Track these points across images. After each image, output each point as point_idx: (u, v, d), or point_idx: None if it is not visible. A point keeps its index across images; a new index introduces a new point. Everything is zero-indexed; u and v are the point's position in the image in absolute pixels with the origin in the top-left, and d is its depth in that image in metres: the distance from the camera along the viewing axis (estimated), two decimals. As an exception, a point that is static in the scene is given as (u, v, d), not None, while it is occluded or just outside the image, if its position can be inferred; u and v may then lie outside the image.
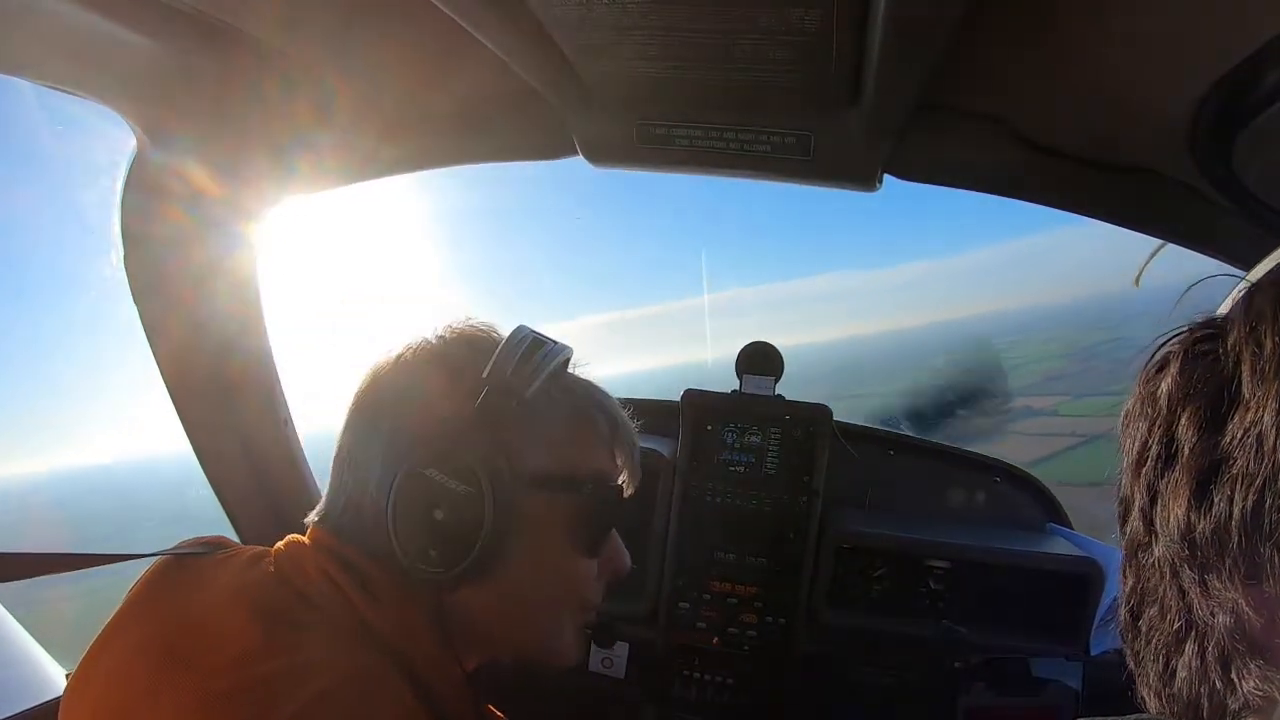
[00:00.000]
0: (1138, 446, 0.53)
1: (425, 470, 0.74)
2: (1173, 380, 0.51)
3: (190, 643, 0.67)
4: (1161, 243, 1.12)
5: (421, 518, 0.74)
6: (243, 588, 0.73)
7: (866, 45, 0.83)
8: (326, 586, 0.73)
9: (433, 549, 0.74)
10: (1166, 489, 0.49)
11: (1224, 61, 0.76)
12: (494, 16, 0.83)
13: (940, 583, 1.78)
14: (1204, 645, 0.47)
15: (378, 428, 0.79)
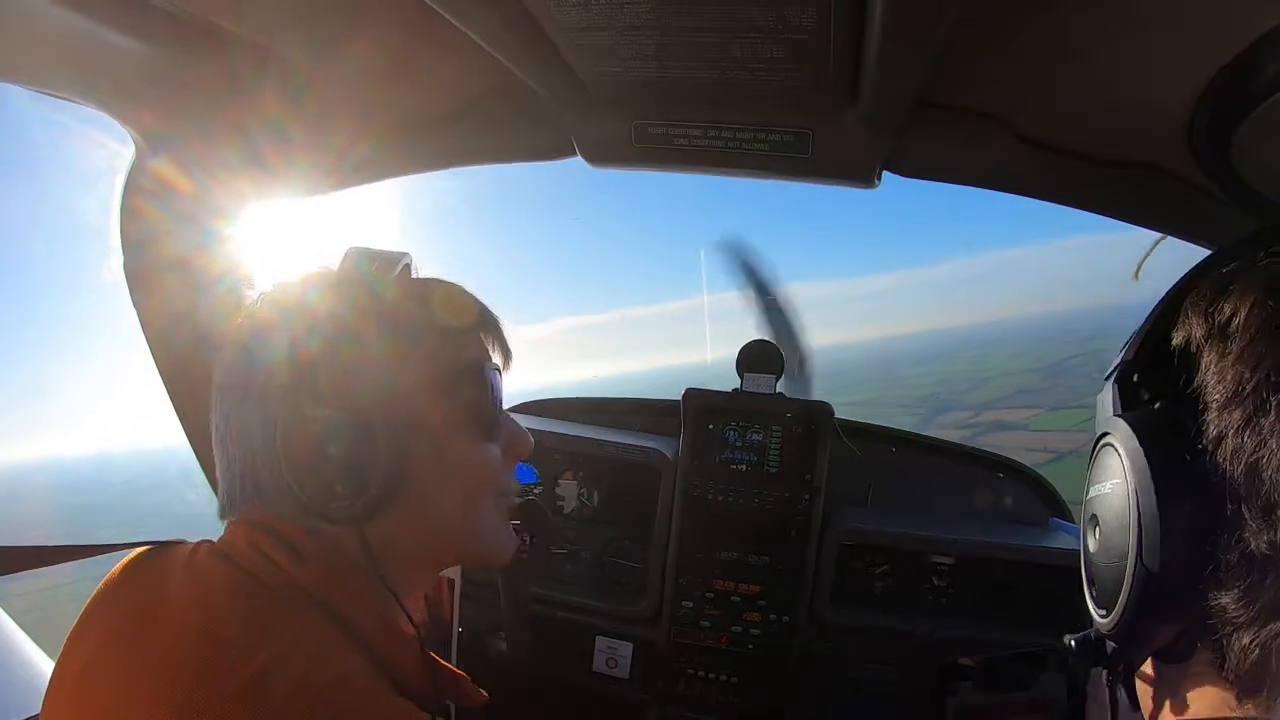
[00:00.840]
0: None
1: (305, 411, 0.72)
2: None
3: (154, 630, 0.68)
4: (1161, 237, 1.12)
5: (316, 459, 0.72)
6: (195, 572, 0.73)
7: (864, 43, 0.83)
8: (260, 560, 0.72)
9: (338, 485, 0.73)
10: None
11: (1221, 55, 0.76)
12: (491, 18, 0.83)
13: (944, 579, 1.79)
14: None
15: (247, 391, 0.76)
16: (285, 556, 0.72)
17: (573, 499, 1.96)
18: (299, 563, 0.72)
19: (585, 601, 1.87)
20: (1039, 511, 1.93)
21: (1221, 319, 0.56)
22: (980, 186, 1.14)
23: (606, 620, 1.88)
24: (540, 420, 2.09)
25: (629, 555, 1.92)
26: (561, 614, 1.86)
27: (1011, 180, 1.11)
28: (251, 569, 0.71)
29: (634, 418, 2.11)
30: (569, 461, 1.94)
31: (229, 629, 0.65)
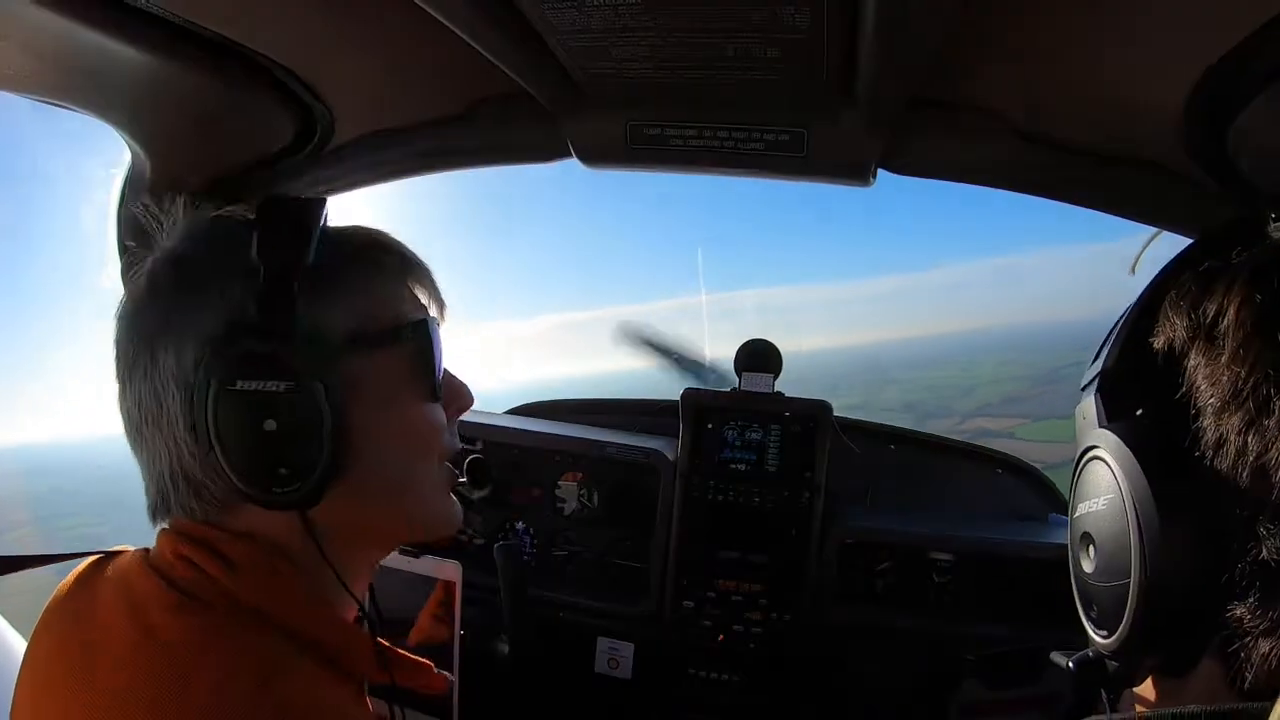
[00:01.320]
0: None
1: (234, 386, 0.64)
2: None
3: (96, 659, 0.65)
4: (1157, 231, 1.13)
5: (253, 439, 0.65)
6: (129, 593, 0.68)
7: (858, 41, 0.83)
8: (192, 573, 0.67)
9: (282, 466, 0.66)
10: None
11: (1216, 48, 0.76)
12: (485, 20, 0.83)
13: (944, 576, 1.79)
14: None
15: (157, 372, 0.67)
16: (216, 567, 0.67)
17: (573, 500, 1.96)
18: (231, 572, 0.67)
19: (587, 602, 1.87)
20: (1039, 507, 1.93)
21: (1206, 319, 0.53)
22: (975, 183, 1.14)
23: (608, 621, 1.88)
24: (539, 422, 2.09)
25: (630, 556, 1.92)
26: (563, 615, 1.86)
27: (1006, 177, 1.12)
28: (185, 586, 0.66)
29: (633, 418, 2.12)
30: (569, 463, 1.94)
31: (172, 655, 0.62)
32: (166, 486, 0.70)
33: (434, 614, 1.38)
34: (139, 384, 0.69)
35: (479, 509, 2.01)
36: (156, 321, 0.69)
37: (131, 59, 0.89)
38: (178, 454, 0.68)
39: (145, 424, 0.69)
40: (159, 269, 0.72)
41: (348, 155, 1.28)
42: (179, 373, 0.67)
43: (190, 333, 0.67)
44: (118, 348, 0.72)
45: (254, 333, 0.66)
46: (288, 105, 1.11)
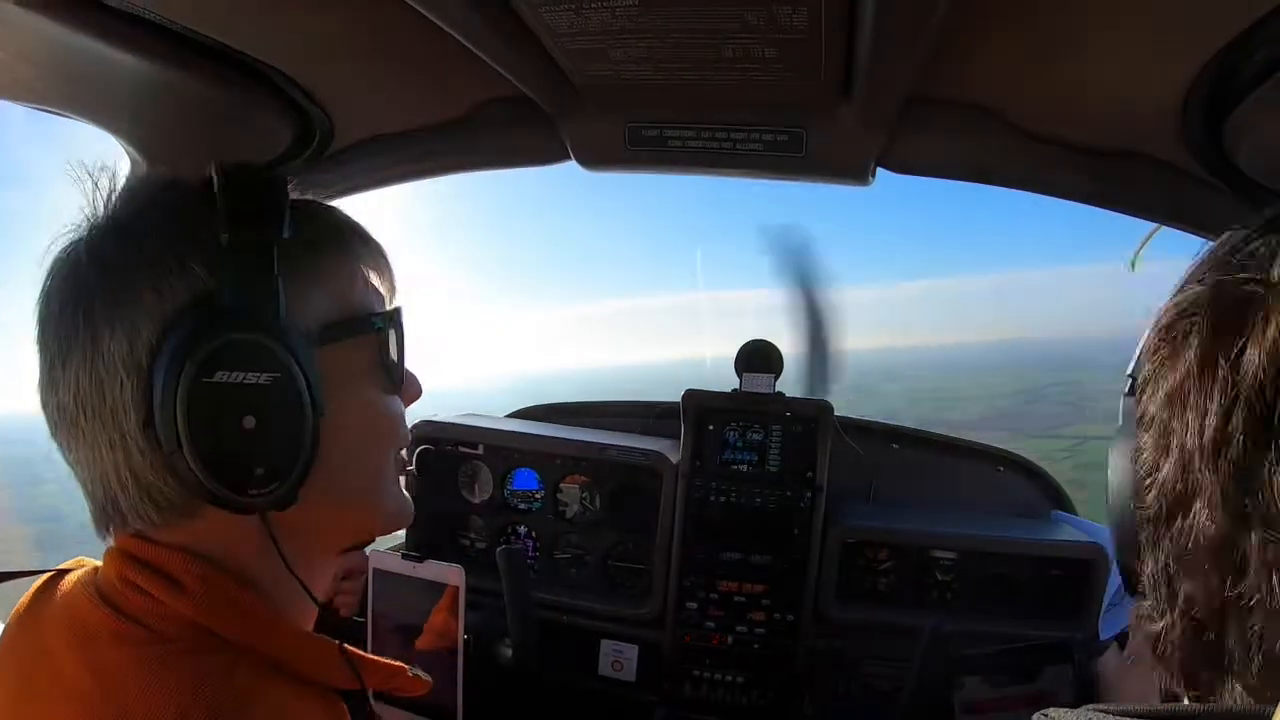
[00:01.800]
0: (1213, 426, 0.44)
1: (211, 377, 0.58)
2: (1273, 342, 0.42)
3: (48, 699, 0.60)
4: (1156, 227, 1.13)
5: (231, 436, 0.59)
6: (77, 623, 0.63)
7: (856, 40, 0.83)
8: (139, 599, 0.61)
9: (258, 466, 0.60)
10: (1267, 470, 0.41)
11: (1212, 43, 0.76)
12: (482, 24, 0.83)
13: (947, 573, 1.79)
14: None
15: (100, 358, 0.59)
16: (166, 591, 0.61)
17: (575, 503, 1.96)
18: (182, 596, 0.61)
19: (590, 605, 1.87)
20: (1041, 504, 1.94)
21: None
22: (974, 181, 1.15)
23: (611, 623, 1.88)
24: (541, 425, 2.09)
25: (633, 558, 1.92)
26: (566, 618, 1.86)
27: (1005, 173, 1.12)
28: (134, 614, 0.61)
29: (635, 420, 2.12)
30: (571, 466, 1.94)
31: (121, 693, 0.56)
32: (113, 491, 0.61)
33: (440, 619, 1.38)
34: (75, 371, 0.59)
35: (481, 513, 2.01)
36: (100, 299, 0.59)
37: (130, 66, 0.89)
38: (125, 452, 0.60)
39: (84, 418, 0.60)
40: (101, 239, 0.62)
41: (347, 160, 1.28)
42: (130, 359, 0.58)
43: (145, 313, 0.59)
44: (44, 329, 0.62)
45: (231, 316, 0.60)
46: (286, 111, 1.11)
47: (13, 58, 0.87)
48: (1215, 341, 0.45)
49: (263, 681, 0.60)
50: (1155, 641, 0.49)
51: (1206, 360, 0.45)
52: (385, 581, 1.40)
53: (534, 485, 1.98)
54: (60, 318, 0.61)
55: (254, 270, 0.61)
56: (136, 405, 0.58)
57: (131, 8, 0.82)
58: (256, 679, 0.60)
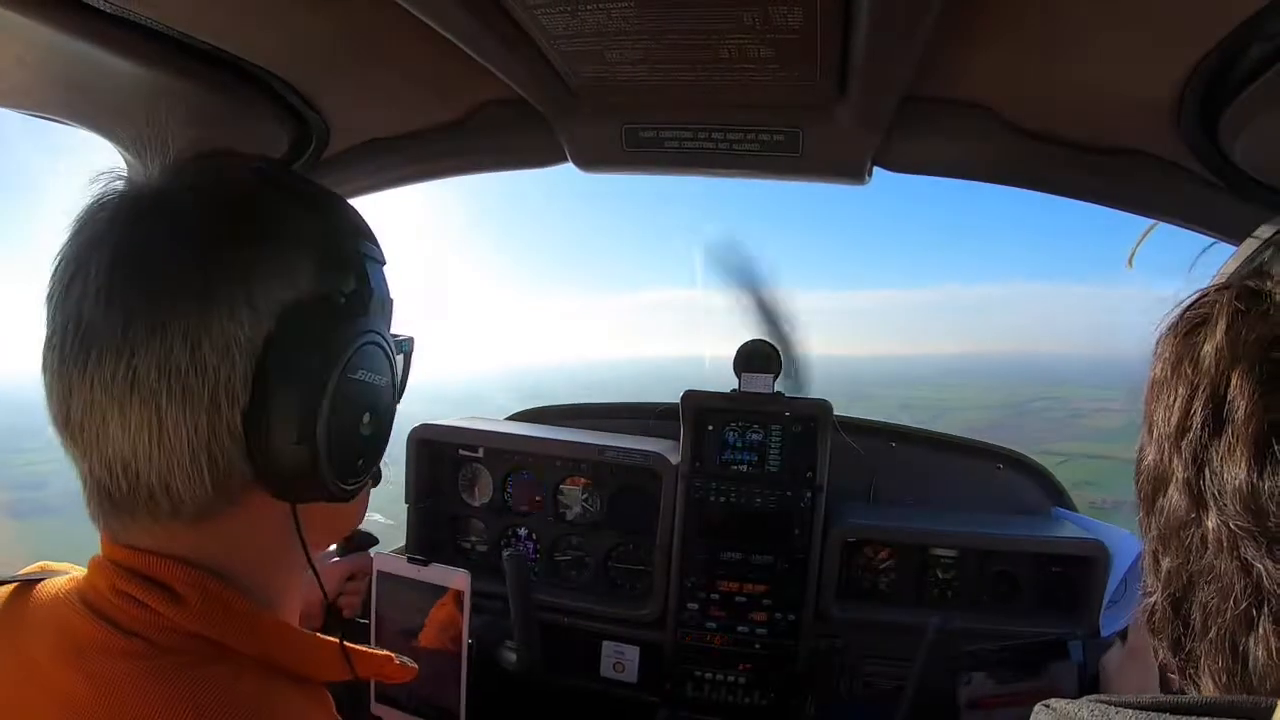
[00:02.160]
0: (1177, 414, 0.49)
1: (355, 375, 0.61)
2: (1220, 339, 0.47)
3: (28, 687, 0.60)
4: (1153, 223, 1.13)
5: (355, 432, 0.63)
6: (63, 629, 0.61)
7: (851, 40, 0.83)
8: (131, 606, 0.59)
9: (360, 459, 0.64)
10: (1218, 456, 0.46)
11: (1207, 39, 0.76)
12: (478, 27, 0.83)
13: (948, 571, 1.79)
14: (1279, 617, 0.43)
15: (208, 333, 0.55)
16: (162, 601, 0.59)
17: (576, 505, 1.96)
18: (176, 605, 0.59)
19: (591, 607, 1.87)
20: (1041, 501, 1.94)
21: None
22: (970, 178, 1.15)
23: (613, 625, 1.88)
24: (541, 428, 2.09)
25: (634, 559, 1.92)
26: (568, 620, 1.86)
27: (1001, 171, 1.12)
28: (132, 626, 0.59)
29: (634, 421, 2.12)
30: (571, 468, 1.94)
31: (128, 707, 0.55)
32: (170, 472, 0.57)
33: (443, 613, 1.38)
34: (170, 340, 0.55)
35: (481, 516, 2.01)
36: (219, 271, 0.56)
37: (126, 71, 0.89)
38: (212, 436, 0.57)
39: (165, 395, 0.55)
40: (211, 209, 0.59)
41: (344, 164, 1.28)
42: (248, 344, 0.56)
43: (267, 299, 0.57)
44: (126, 280, 0.56)
45: (359, 320, 0.62)
46: (283, 115, 1.11)
47: (9, 64, 0.87)
48: (1182, 342, 0.51)
49: (267, 687, 0.60)
50: (1149, 615, 0.53)
51: (1176, 357, 0.51)
52: (389, 584, 1.40)
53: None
54: (156, 279, 0.56)
55: (364, 279, 0.65)
56: (244, 390, 0.57)
57: (128, 13, 0.82)
58: (261, 685, 0.60)
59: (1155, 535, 0.52)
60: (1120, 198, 1.09)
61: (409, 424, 1.95)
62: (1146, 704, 0.44)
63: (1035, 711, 0.50)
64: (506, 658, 1.57)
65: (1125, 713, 0.44)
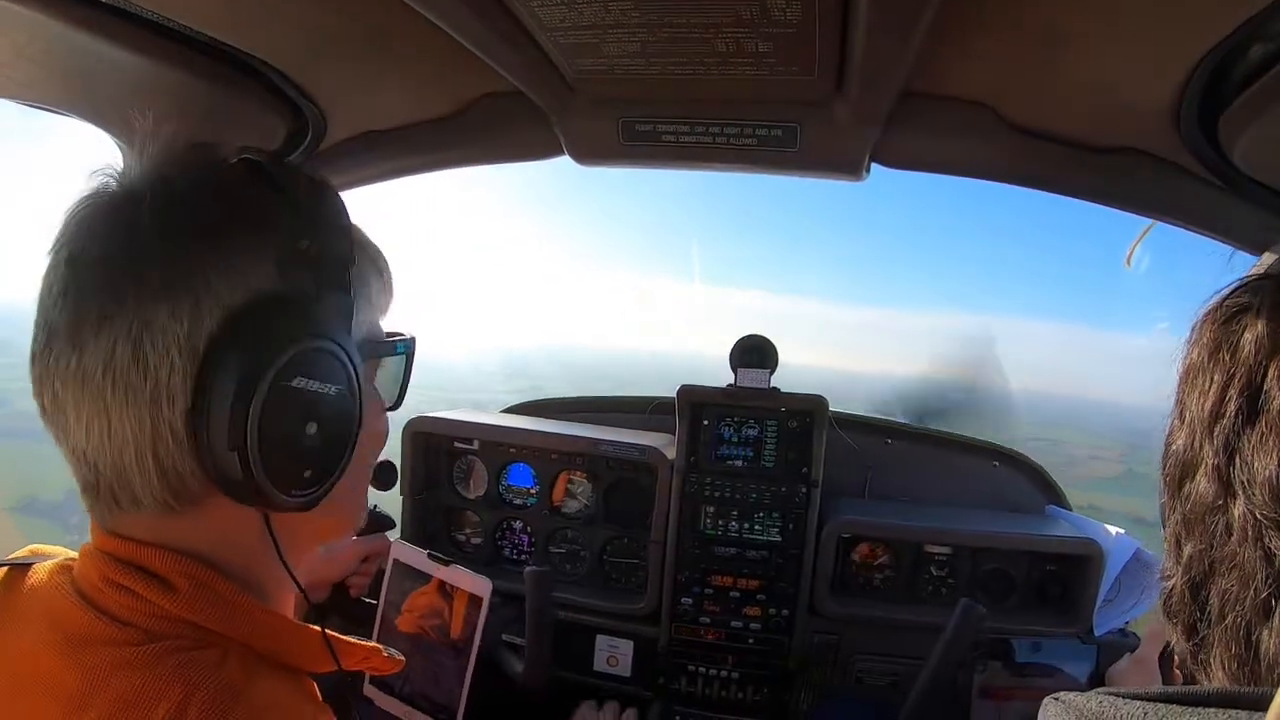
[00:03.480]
0: (1211, 400, 0.50)
1: (291, 382, 0.58)
2: (1261, 329, 0.48)
3: (20, 673, 0.60)
4: (1151, 222, 1.13)
5: (294, 441, 0.59)
6: (53, 618, 0.61)
7: (849, 35, 0.83)
8: (122, 596, 0.59)
9: (307, 470, 0.61)
10: (1250, 445, 0.46)
11: (1207, 39, 0.76)
12: (475, 19, 0.83)
13: (942, 568, 1.79)
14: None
15: (152, 335, 0.55)
16: (154, 590, 0.59)
17: (571, 499, 1.96)
18: (167, 593, 0.59)
19: (586, 600, 1.88)
20: (1036, 499, 1.94)
21: None
22: (968, 176, 1.14)
23: (607, 619, 1.88)
24: (537, 420, 2.09)
25: (628, 553, 1.93)
26: (562, 614, 1.87)
27: (1000, 169, 1.12)
28: (123, 615, 0.59)
29: (630, 415, 2.12)
30: (567, 462, 1.94)
31: (115, 691, 0.55)
32: (127, 470, 0.58)
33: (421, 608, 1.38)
34: (113, 339, 0.55)
35: (476, 509, 2.02)
36: (162, 269, 0.56)
37: (122, 62, 0.89)
38: (154, 435, 0.57)
39: (110, 391, 0.56)
40: (167, 205, 0.58)
41: (340, 156, 1.27)
42: (187, 343, 0.56)
43: (211, 298, 0.56)
44: (79, 282, 0.57)
45: (311, 323, 0.60)
46: (279, 106, 1.11)
47: (8, 55, 0.86)
48: (1222, 329, 0.52)
49: (253, 673, 0.60)
50: (1166, 599, 0.54)
51: (1214, 344, 0.52)
52: (403, 574, 1.40)
53: (529, 481, 1.98)
54: (105, 279, 0.56)
55: (329, 280, 0.63)
56: (183, 391, 0.56)
57: (126, 5, 0.82)
58: (246, 670, 0.60)
59: (1179, 520, 0.52)
60: (1118, 197, 1.09)
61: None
62: (1154, 695, 0.45)
63: (1045, 704, 0.51)
64: (510, 664, 1.57)
65: (1133, 703, 0.44)
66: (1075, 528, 1.76)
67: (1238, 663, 0.47)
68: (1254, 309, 0.49)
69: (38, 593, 0.64)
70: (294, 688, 0.64)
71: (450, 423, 1.97)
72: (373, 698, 1.40)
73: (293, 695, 0.63)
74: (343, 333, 0.63)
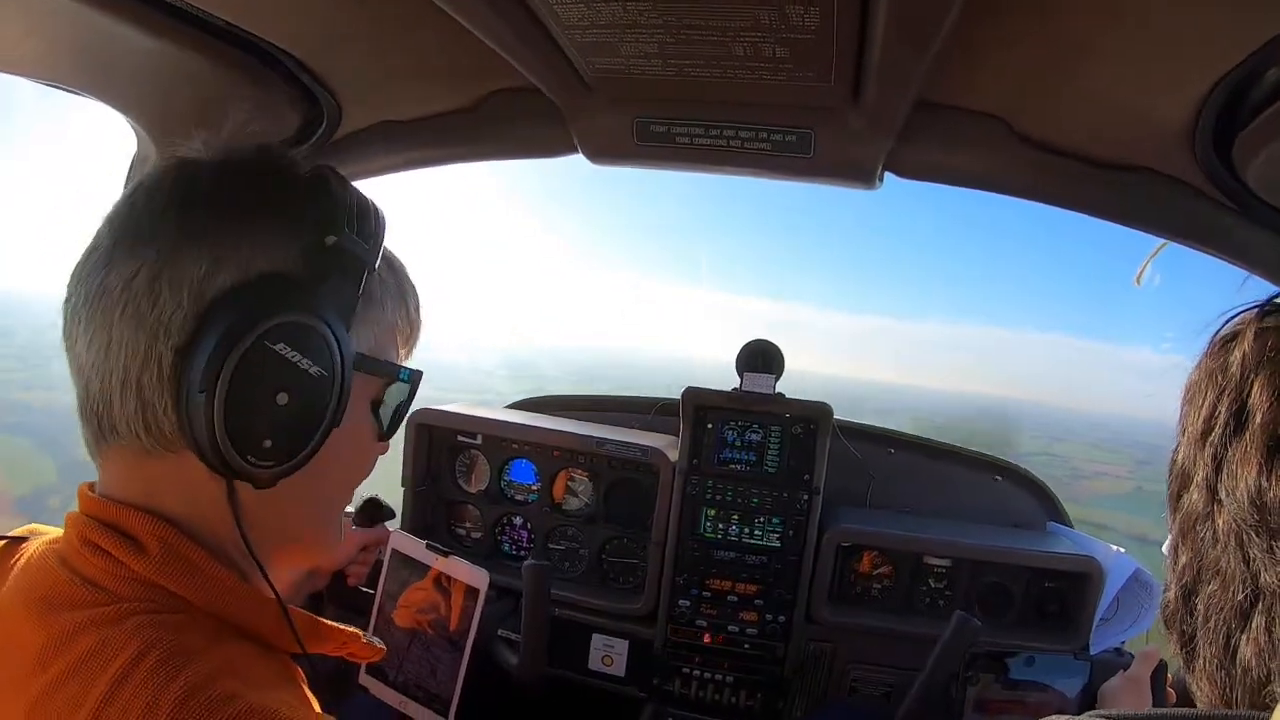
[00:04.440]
0: (1204, 415, 0.53)
1: (274, 345, 0.60)
2: (1246, 348, 0.52)
3: (17, 680, 0.59)
4: (1163, 242, 1.12)
5: (261, 404, 0.61)
6: (33, 580, 0.64)
7: (866, 43, 0.83)
8: (95, 556, 0.61)
9: (268, 439, 0.62)
10: (1235, 456, 0.49)
11: (1225, 61, 0.76)
12: (494, 14, 0.83)
13: (941, 581, 1.79)
14: (1273, 615, 0.46)
15: (172, 270, 0.59)
16: (126, 551, 0.61)
17: (572, 497, 1.96)
18: (138, 554, 0.61)
19: (583, 599, 1.88)
20: (1037, 515, 1.94)
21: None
22: (981, 188, 1.14)
23: (603, 618, 1.88)
24: (541, 417, 2.10)
25: (628, 553, 1.93)
26: (559, 611, 1.87)
27: (1012, 182, 1.11)
28: (93, 576, 0.61)
29: (634, 415, 2.12)
30: (569, 459, 1.95)
31: (76, 649, 0.57)
32: (110, 395, 0.61)
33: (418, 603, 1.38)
34: (140, 265, 0.60)
35: (477, 503, 2.02)
36: (207, 217, 0.62)
37: (139, 45, 0.90)
38: (143, 365, 0.60)
39: (121, 310, 0.60)
40: (222, 173, 0.65)
41: (353, 146, 1.28)
42: (199, 286, 0.59)
43: (235, 257, 0.61)
44: (132, 214, 0.63)
45: (312, 305, 0.63)
46: (295, 95, 1.11)
47: (24, 33, 0.87)
48: (1217, 353, 0.55)
49: (215, 640, 0.60)
50: (1165, 607, 0.57)
51: (1210, 364, 0.55)
52: (401, 564, 1.41)
53: (531, 478, 1.99)
54: (155, 213, 0.62)
55: (343, 277, 0.66)
56: (181, 330, 0.59)
57: None
58: (209, 637, 0.60)
59: (1176, 530, 0.55)
60: (1130, 215, 1.08)
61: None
62: (1145, 716, 0.46)
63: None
64: (505, 657, 1.57)
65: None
66: (1076, 545, 1.75)
67: (1218, 667, 0.49)
68: (1243, 330, 0.53)
69: (25, 563, 0.66)
70: (261, 660, 0.64)
71: (454, 416, 1.98)
72: (368, 686, 1.40)
73: (255, 665, 0.62)
74: (341, 325, 0.65)
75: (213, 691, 0.55)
